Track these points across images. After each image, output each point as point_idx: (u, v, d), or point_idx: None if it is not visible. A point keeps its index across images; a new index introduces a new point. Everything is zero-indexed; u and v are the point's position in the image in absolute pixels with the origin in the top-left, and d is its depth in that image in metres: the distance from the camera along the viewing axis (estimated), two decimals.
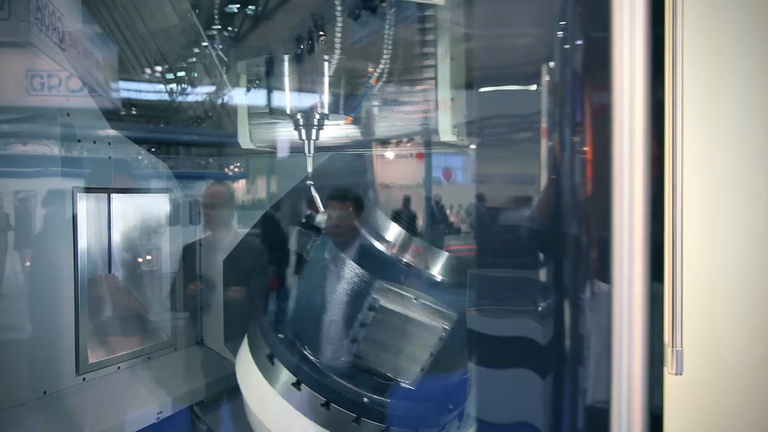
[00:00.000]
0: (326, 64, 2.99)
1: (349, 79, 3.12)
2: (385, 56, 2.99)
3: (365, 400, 2.56)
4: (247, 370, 2.83)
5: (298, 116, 3.04)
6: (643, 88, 1.41)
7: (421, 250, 2.83)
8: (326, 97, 3.04)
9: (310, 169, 3.06)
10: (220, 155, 4.67)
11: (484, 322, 1.78)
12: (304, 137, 3.06)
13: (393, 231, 2.86)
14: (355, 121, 3.29)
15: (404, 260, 2.80)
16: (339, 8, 2.82)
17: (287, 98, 3.04)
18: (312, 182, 3.04)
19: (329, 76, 3.01)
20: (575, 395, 1.53)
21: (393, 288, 2.60)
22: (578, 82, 1.53)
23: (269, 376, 2.71)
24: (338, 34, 2.85)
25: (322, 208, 3.02)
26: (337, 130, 3.34)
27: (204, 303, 4.31)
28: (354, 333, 2.60)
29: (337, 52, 2.89)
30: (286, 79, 3.02)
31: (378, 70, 3.03)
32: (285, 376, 2.66)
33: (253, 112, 3.54)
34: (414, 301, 2.57)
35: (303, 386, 2.59)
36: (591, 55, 1.51)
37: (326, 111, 3.05)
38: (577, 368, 1.53)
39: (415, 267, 2.78)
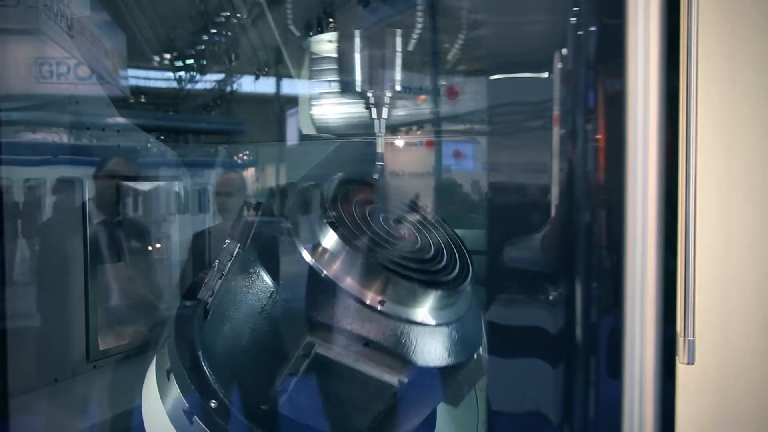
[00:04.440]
0: (399, 38, 2.82)
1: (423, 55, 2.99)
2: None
3: None
4: (149, 377, 2.24)
5: (369, 94, 2.86)
6: (657, 76, 1.39)
7: None
8: (398, 74, 2.85)
9: (380, 150, 2.86)
10: (229, 143, 4.67)
11: (495, 312, 1.78)
12: (374, 116, 2.88)
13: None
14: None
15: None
16: None
17: (357, 75, 2.86)
18: (382, 163, 2.85)
19: (401, 51, 2.83)
20: (586, 385, 1.53)
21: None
22: (591, 69, 1.51)
23: (164, 392, 2.08)
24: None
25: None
26: None
27: None
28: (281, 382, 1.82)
29: (419, 24, 2.71)
30: (357, 55, 2.84)
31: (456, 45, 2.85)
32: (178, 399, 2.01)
33: (315, 98, 3.31)
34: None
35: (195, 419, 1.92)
36: (604, 41, 1.49)
37: (398, 88, 2.88)
38: (589, 358, 1.53)
39: None
